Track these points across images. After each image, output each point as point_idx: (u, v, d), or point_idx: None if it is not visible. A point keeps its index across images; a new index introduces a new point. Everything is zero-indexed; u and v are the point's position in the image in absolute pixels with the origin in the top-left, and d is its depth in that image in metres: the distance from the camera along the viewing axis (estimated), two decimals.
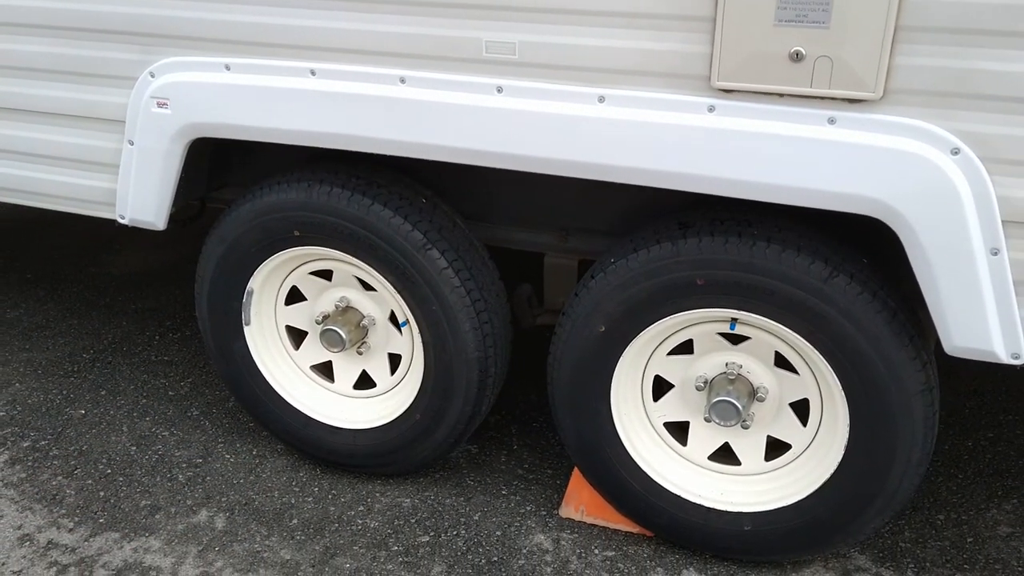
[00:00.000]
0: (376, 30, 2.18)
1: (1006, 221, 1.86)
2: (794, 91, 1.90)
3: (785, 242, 2.14)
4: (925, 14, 1.76)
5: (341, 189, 2.49)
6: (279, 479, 2.91)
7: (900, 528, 2.71)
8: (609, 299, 2.32)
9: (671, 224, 2.28)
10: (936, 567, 2.57)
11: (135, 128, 2.53)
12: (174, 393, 3.39)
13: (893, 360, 2.12)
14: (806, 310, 2.15)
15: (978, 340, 1.97)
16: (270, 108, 2.34)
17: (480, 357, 2.55)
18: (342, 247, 2.54)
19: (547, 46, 2.06)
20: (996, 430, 3.21)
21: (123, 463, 2.98)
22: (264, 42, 2.30)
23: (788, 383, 2.37)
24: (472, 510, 2.77)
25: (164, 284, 4.28)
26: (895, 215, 1.92)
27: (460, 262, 2.50)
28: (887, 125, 1.87)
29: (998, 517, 2.77)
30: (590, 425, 2.49)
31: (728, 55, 1.91)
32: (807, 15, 1.83)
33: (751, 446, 2.47)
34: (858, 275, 2.12)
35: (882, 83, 1.84)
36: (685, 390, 2.47)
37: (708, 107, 1.99)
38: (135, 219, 2.67)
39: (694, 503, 2.49)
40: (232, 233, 2.64)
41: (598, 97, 2.06)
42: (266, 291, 2.78)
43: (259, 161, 2.92)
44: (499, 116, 2.15)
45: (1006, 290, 1.91)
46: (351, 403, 2.86)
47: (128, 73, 2.48)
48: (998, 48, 1.74)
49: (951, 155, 1.85)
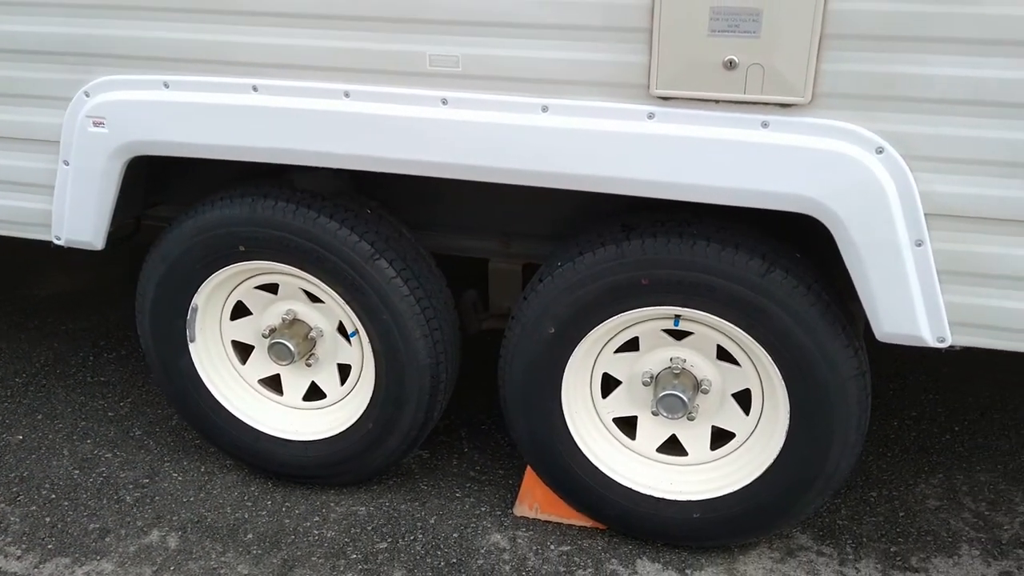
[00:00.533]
0: (320, 45, 2.20)
1: (928, 214, 1.99)
2: (729, 97, 2.00)
3: (724, 241, 2.24)
4: (848, 22, 1.87)
5: (286, 203, 2.50)
6: (230, 495, 2.90)
7: (837, 507, 2.85)
8: (558, 301, 2.38)
9: (615, 227, 2.36)
10: (872, 542, 2.71)
11: (70, 148, 2.49)
12: (114, 414, 3.33)
13: (828, 348, 2.24)
14: (746, 304, 2.25)
15: (906, 326, 2.09)
16: (212, 125, 2.34)
17: (432, 363, 2.59)
18: (289, 260, 2.55)
19: (490, 58, 2.12)
20: (918, 409, 3.39)
21: (67, 487, 2.93)
22: (204, 59, 2.29)
23: (730, 375, 2.48)
24: (428, 514, 2.81)
25: (94, 304, 4.19)
26: (826, 212, 2.04)
27: (408, 271, 2.53)
28: (816, 127, 1.98)
29: (926, 491, 2.93)
30: (542, 424, 2.56)
31: (665, 64, 2.00)
32: (739, 25, 1.92)
33: (697, 437, 2.57)
34: (793, 269, 2.24)
35: (810, 88, 1.94)
36: (632, 386, 2.56)
37: (648, 114, 2.07)
38: (72, 240, 2.63)
39: (645, 494, 2.58)
40: (175, 250, 2.62)
41: (542, 107, 2.13)
42: (211, 307, 2.76)
43: (197, 177, 2.90)
44: (445, 127, 2.19)
45: (930, 279, 2.04)
46: (301, 415, 2.86)
47: (62, 93, 2.44)
48: (916, 53, 1.86)
49: (876, 154, 1.97)
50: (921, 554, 2.66)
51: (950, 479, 2.99)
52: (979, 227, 1.98)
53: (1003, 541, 2.71)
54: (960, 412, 3.37)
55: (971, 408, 3.39)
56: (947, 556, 2.66)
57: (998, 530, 2.76)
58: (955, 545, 2.70)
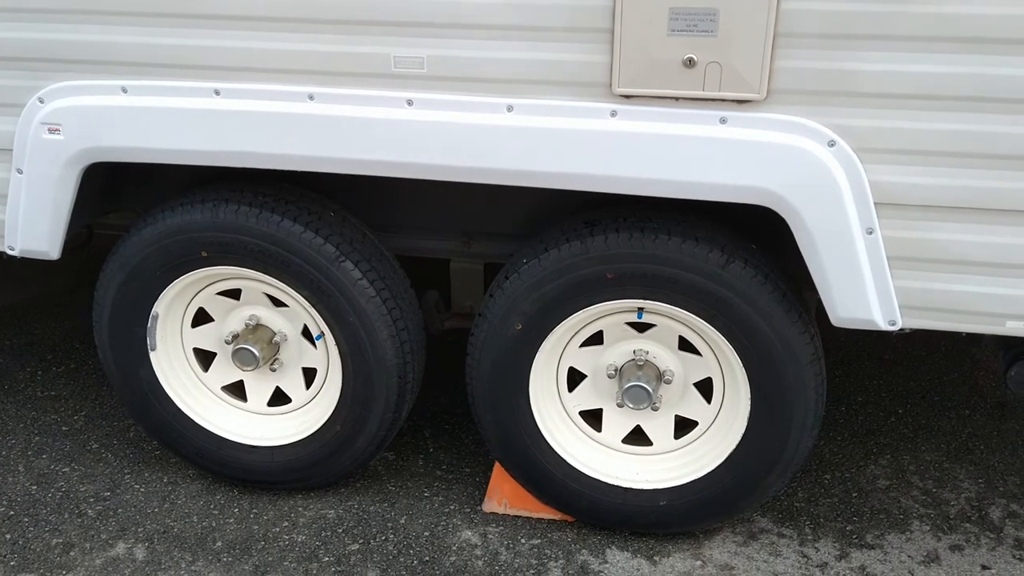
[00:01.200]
0: (282, 48, 2.21)
1: (878, 203, 2.09)
2: (688, 94, 2.07)
3: (684, 234, 2.31)
4: (800, 21, 1.96)
5: (249, 207, 2.49)
6: (196, 503, 2.87)
7: (794, 490, 2.95)
8: (524, 298, 2.43)
9: (578, 223, 2.41)
10: (828, 522, 2.81)
11: (23, 156, 2.45)
12: (68, 428, 3.27)
13: (786, 335, 2.33)
14: (707, 295, 2.32)
15: (860, 311, 2.19)
16: (173, 129, 2.33)
17: (399, 363, 2.61)
18: (252, 265, 2.55)
19: (455, 59, 2.15)
20: (864, 394, 3.52)
21: (25, 503, 2.87)
22: (164, 63, 2.28)
23: (692, 364, 2.55)
24: (397, 514, 2.82)
25: (37, 317, 4.10)
26: (782, 203, 2.12)
27: (373, 272, 2.55)
28: (772, 122, 2.07)
29: (876, 472, 3.05)
30: (510, 419, 2.60)
31: (627, 63, 2.06)
32: (697, 25, 1.99)
33: (661, 426, 2.64)
34: (751, 260, 2.32)
35: (765, 84, 2.03)
36: (597, 379, 2.61)
37: (611, 112, 2.13)
38: (26, 250, 2.58)
39: (612, 485, 2.64)
40: (134, 258, 2.59)
41: (507, 107, 2.17)
42: (171, 314, 2.74)
43: (151, 183, 2.87)
44: (411, 128, 2.22)
45: (881, 265, 2.14)
46: (266, 420, 2.85)
47: (14, 100, 2.40)
48: (865, 51, 1.95)
49: (828, 147, 2.06)
50: (875, 531, 2.77)
51: (898, 459, 3.12)
52: (926, 215, 2.08)
53: (951, 516, 2.84)
54: (903, 395, 3.51)
55: (913, 391, 3.53)
56: (900, 532, 2.77)
57: (945, 506, 2.89)
58: (906, 522, 2.82)
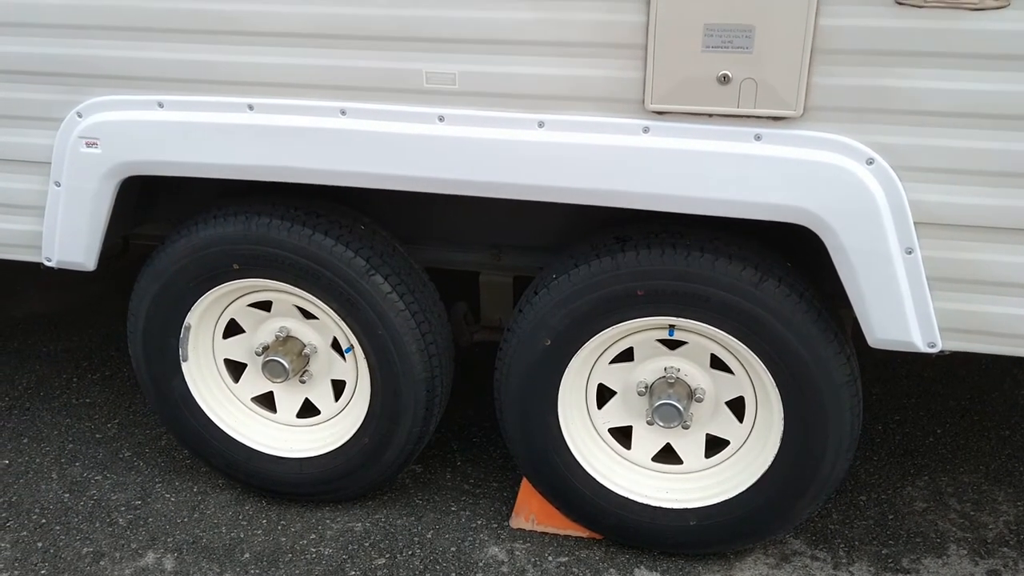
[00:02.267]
0: (315, 64, 2.22)
1: (918, 223, 2.04)
2: (723, 111, 2.04)
3: (717, 251, 2.28)
4: (837, 38, 1.93)
5: (281, 220, 2.50)
6: (225, 514, 2.88)
7: (828, 512, 2.90)
8: (553, 313, 2.41)
9: (609, 239, 2.39)
10: (864, 545, 2.76)
11: (62, 169, 2.48)
12: (102, 435, 3.30)
13: (821, 355, 2.29)
14: (740, 313, 2.29)
15: (898, 332, 2.15)
16: (208, 144, 2.34)
17: (427, 377, 2.60)
18: (284, 278, 2.55)
19: (486, 75, 2.14)
20: (902, 413, 3.45)
21: (58, 511, 2.90)
22: (200, 79, 2.30)
23: (724, 383, 2.52)
24: (424, 528, 2.81)
25: (73, 325, 4.15)
26: (819, 222, 2.08)
27: (403, 286, 2.55)
28: (808, 140, 2.03)
29: (913, 494, 2.99)
30: (539, 436, 2.58)
31: (660, 80, 2.04)
32: (732, 41, 1.97)
33: (692, 445, 2.61)
34: (785, 278, 2.28)
35: (802, 101, 1.99)
36: (627, 396, 2.59)
37: (643, 128, 2.11)
38: (63, 261, 2.61)
39: (641, 503, 2.61)
40: (168, 269, 2.61)
41: (538, 122, 2.16)
42: (203, 326, 2.76)
43: (185, 195, 2.89)
44: (442, 144, 2.21)
45: (921, 286, 2.10)
46: (295, 432, 2.86)
47: (53, 114, 2.43)
48: (903, 67, 1.92)
49: (866, 165, 2.02)
50: (911, 555, 2.71)
51: (935, 481, 3.05)
52: (967, 235, 2.04)
53: (989, 540, 2.77)
54: (941, 415, 3.44)
55: (951, 411, 3.46)
56: (936, 556, 2.71)
57: (983, 529, 2.82)
58: (943, 545, 2.75)
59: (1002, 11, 1.82)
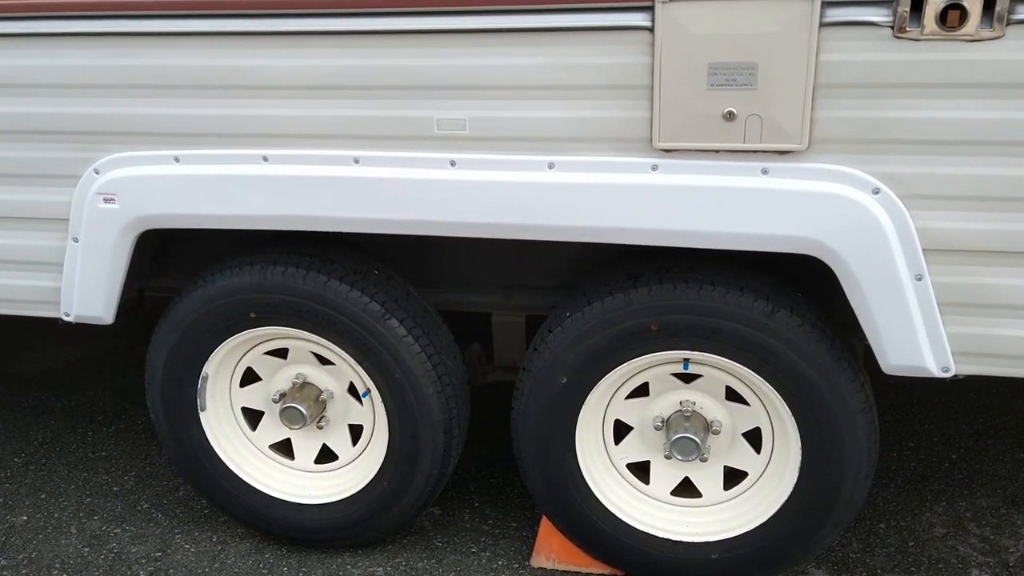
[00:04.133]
0: (327, 115, 2.26)
1: (926, 249, 2.08)
2: (729, 147, 2.09)
3: (728, 284, 2.31)
4: (838, 72, 1.98)
5: (296, 268, 2.54)
6: (245, 563, 2.88)
7: (848, 540, 2.89)
8: (569, 351, 2.43)
9: (621, 275, 2.42)
10: (886, 572, 2.75)
11: (80, 225, 2.52)
12: (119, 488, 3.31)
13: (836, 383, 2.31)
14: (753, 344, 2.31)
15: (911, 358, 2.17)
16: (224, 196, 2.38)
17: (445, 419, 2.62)
18: (300, 325, 2.58)
19: (496, 120, 2.19)
20: (916, 440, 3.46)
21: (78, 566, 2.89)
22: (215, 132, 2.35)
23: (740, 414, 2.53)
24: (445, 571, 2.81)
25: (86, 379, 4.17)
26: (828, 252, 2.12)
27: (418, 328, 2.58)
28: (815, 172, 2.07)
29: (932, 520, 2.99)
30: (557, 473, 2.59)
31: (667, 118, 2.08)
32: (736, 79, 2.02)
33: (710, 478, 2.62)
34: (797, 308, 2.31)
35: (807, 135, 2.04)
36: (644, 431, 2.60)
37: (652, 166, 2.15)
38: (82, 315, 2.64)
39: (662, 538, 2.61)
40: (186, 320, 2.64)
41: (548, 164, 2.20)
42: (221, 375, 2.78)
43: (199, 247, 2.93)
44: (454, 188, 2.26)
45: (932, 311, 2.12)
46: (314, 478, 2.87)
47: (71, 172, 2.48)
48: (904, 98, 1.96)
49: (873, 195, 2.06)
50: None
51: (953, 506, 3.05)
52: (975, 259, 2.07)
53: (1010, 564, 2.77)
54: (955, 440, 3.44)
55: (966, 435, 3.47)
56: None
57: (1004, 553, 2.82)
58: (965, 570, 2.75)
59: (998, 41, 1.87)
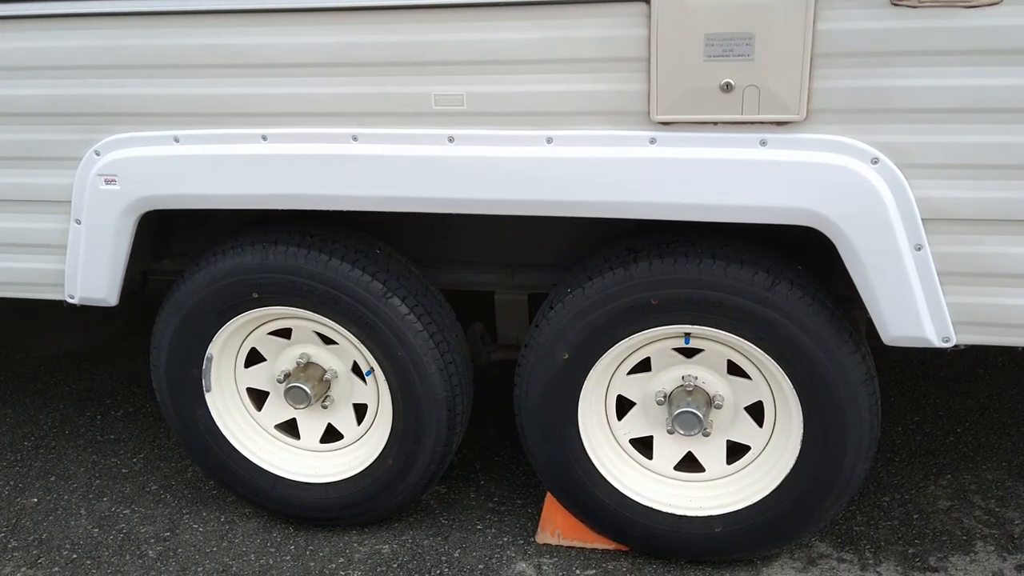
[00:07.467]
0: (325, 92, 2.27)
1: (926, 219, 2.07)
2: (727, 119, 2.08)
3: (728, 257, 2.31)
4: (836, 41, 1.97)
5: (297, 248, 2.55)
6: (253, 542, 2.90)
7: (852, 514, 2.90)
8: (570, 327, 2.44)
9: (621, 251, 2.42)
10: (890, 545, 2.76)
11: (82, 207, 2.53)
12: (128, 470, 3.34)
13: (837, 355, 2.31)
14: (754, 318, 2.31)
15: (912, 329, 2.17)
16: (224, 176, 2.39)
17: (448, 396, 2.63)
18: (302, 304, 2.59)
19: (493, 95, 2.19)
20: (920, 414, 3.46)
21: (88, 546, 2.92)
22: (214, 112, 2.35)
23: (742, 388, 2.53)
24: (451, 548, 2.83)
25: (94, 363, 4.20)
26: (828, 223, 2.11)
27: (420, 307, 2.58)
28: (813, 143, 2.07)
29: (936, 493, 2.99)
30: (561, 449, 2.60)
31: (665, 91, 2.08)
32: (733, 49, 2.01)
33: (713, 452, 2.62)
34: (797, 281, 2.31)
35: (804, 105, 2.03)
36: (646, 406, 2.61)
37: (650, 139, 2.15)
38: (86, 297, 2.66)
39: (666, 513, 2.62)
40: (189, 301, 2.66)
41: (546, 139, 2.20)
42: (225, 355, 2.79)
43: (200, 228, 2.94)
44: (453, 164, 2.26)
45: (932, 281, 2.12)
46: (320, 457, 2.89)
47: (72, 153, 2.49)
48: (902, 66, 1.95)
49: (871, 164, 2.05)
50: (938, 554, 2.71)
51: (958, 479, 3.05)
52: (974, 228, 2.06)
53: (1015, 536, 2.77)
54: (961, 413, 3.44)
55: (971, 408, 3.46)
56: (963, 554, 2.71)
57: (1009, 525, 2.82)
58: (970, 543, 2.75)
59: (995, 7, 1.86)
